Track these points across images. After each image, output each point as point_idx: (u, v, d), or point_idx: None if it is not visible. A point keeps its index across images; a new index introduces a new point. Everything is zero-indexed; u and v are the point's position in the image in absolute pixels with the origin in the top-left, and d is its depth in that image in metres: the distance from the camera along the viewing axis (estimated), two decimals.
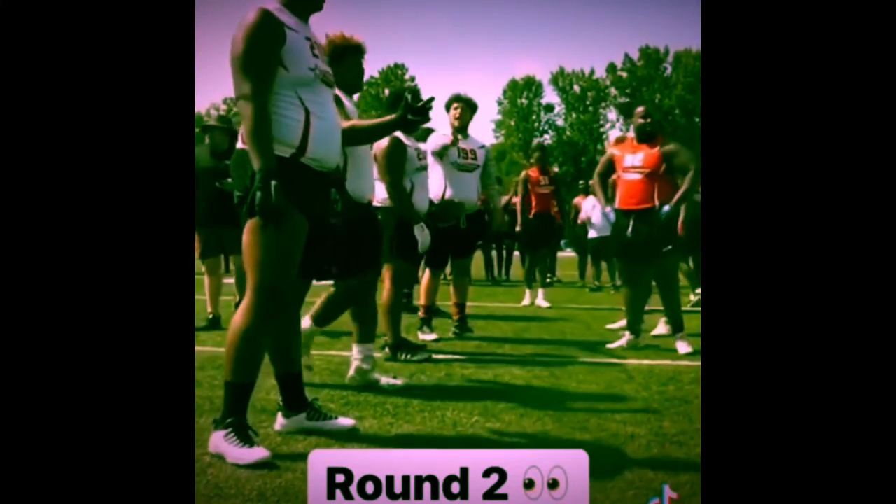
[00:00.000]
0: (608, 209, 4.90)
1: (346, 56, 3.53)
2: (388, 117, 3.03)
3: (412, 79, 59.89)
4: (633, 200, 4.73)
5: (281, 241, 2.39)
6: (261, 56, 2.35)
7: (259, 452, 2.34)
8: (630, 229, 4.68)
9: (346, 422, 2.77)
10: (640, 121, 4.84)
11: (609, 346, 4.88)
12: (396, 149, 4.32)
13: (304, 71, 2.43)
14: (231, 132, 5.56)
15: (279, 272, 2.42)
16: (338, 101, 3.13)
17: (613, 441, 2.65)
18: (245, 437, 2.39)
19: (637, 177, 4.72)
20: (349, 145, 3.15)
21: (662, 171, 4.70)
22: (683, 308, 4.99)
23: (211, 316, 5.69)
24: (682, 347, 4.72)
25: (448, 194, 5.10)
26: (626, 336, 4.90)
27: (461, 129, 5.28)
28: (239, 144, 2.49)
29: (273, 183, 2.28)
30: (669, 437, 2.65)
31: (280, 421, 2.76)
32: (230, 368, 2.44)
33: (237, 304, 4.93)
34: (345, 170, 3.40)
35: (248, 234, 2.41)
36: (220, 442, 2.40)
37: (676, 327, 4.83)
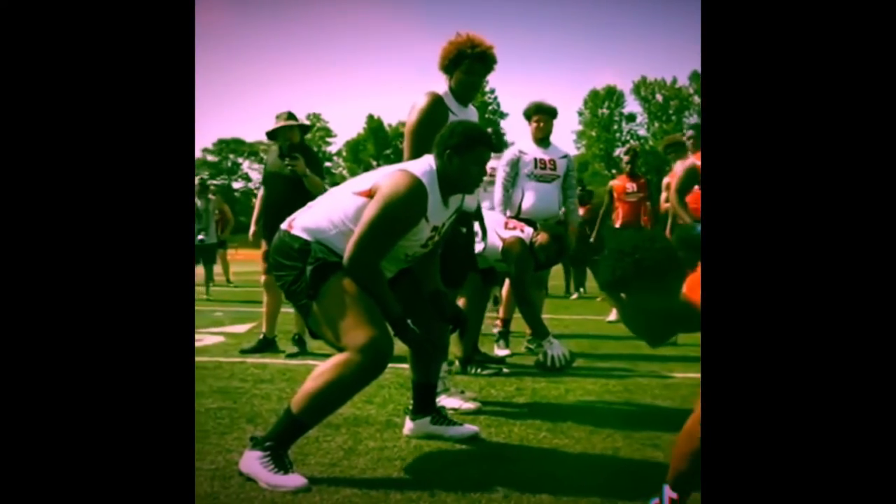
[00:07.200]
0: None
1: (461, 62, 3.21)
2: None
3: (492, 91, 60.09)
4: None
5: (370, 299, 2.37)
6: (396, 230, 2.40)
7: (296, 480, 2.23)
8: None
9: (469, 429, 2.84)
10: None
11: None
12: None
13: (415, 247, 2.52)
14: (302, 126, 5.09)
15: (381, 325, 2.34)
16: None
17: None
18: (282, 463, 2.27)
19: None
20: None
21: None
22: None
23: (262, 337, 5.13)
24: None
25: (525, 206, 4.93)
26: None
27: (542, 139, 5.12)
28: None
29: (409, 321, 2.43)
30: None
31: (408, 424, 2.86)
32: (304, 405, 2.30)
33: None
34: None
35: (334, 296, 2.35)
36: (254, 463, 2.28)
37: None
